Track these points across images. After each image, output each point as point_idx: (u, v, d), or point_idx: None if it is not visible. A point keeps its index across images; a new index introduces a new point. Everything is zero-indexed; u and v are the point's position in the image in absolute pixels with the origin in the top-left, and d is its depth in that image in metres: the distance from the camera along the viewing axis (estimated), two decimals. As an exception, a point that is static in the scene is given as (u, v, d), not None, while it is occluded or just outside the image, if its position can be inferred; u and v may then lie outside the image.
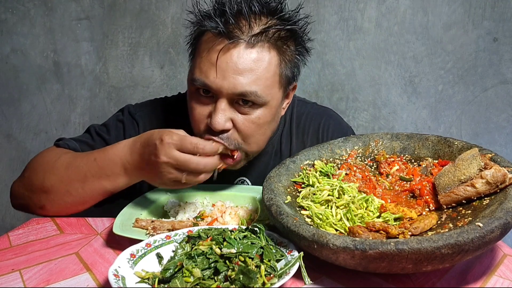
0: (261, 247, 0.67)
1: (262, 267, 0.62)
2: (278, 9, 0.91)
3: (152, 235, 0.77)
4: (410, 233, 0.67)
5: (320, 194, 0.81)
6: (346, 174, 0.88)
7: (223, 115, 0.88)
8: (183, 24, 1.06)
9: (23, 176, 0.99)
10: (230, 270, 0.62)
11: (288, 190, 0.84)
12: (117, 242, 0.82)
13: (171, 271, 0.63)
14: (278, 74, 0.91)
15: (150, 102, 1.17)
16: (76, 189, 0.91)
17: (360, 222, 0.73)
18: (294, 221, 0.68)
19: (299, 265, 0.65)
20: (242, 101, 0.89)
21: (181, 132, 0.83)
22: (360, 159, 0.94)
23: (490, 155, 0.77)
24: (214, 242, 0.67)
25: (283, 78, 0.93)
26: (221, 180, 1.04)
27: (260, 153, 1.05)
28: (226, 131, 0.90)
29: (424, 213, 0.75)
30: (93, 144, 1.05)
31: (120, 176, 0.89)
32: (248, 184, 1.09)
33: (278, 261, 0.67)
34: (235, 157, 0.93)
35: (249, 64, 0.87)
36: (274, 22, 0.90)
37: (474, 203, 0.72)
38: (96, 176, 0.89)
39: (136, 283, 0.63)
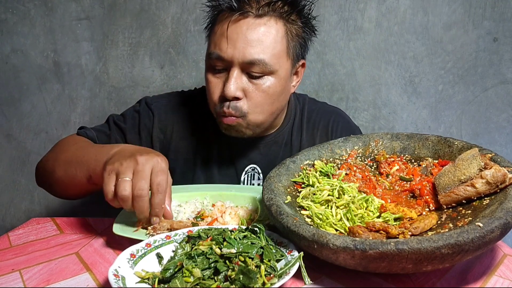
0: (261, 247, 0.67)
1: (262, 267, 0.62)
2: None
3: (152, 235, 0.77)
4: (410, 233, 0.67)
5: (320, 194, 0.81)
6: (346, 174, 0.88)
7: (235, 83, 0.95)
8: (200, 8, 1.12)
9: (46, 155, 1.06)
10: (230, 270, 0.62)
11: (288, 190, 0.84)
12: (117, 242, 0.82)
13: (171, 271, 0.63)
14: (285, 44, 0.98)
15: (167, 94, 1.24)
16: (71, 171, 0.93)
17: (360, 222, 0.73)
18: (294, 221, 0.68)
19: (299, 265, 0.65)
20: (252, 72, 0.95)
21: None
22: (360, 159, 0.94)
23: (490, 155, 0.77)
24: (214, 242, 0.67)
25: (290, 49, 1.00)
26: (233, 166, 1.12)
27: (271, 143, 1.13)
28: (238, 99, 0.97)
29: (424, 213, 0.75)
30: (109, 133, 1.12)
31: (89, 166, 0.90)
32: (258, 172, 1.13)
33: (278, 261, 0.67)
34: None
35: (257, 34, 0.94)
36: None
37: (474, 203, 0.72)
38: (88, 163, 0.91)
39: (136, 283, 0.63)
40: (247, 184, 1.14)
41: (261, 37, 0.94)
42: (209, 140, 1.14)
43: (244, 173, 1.14)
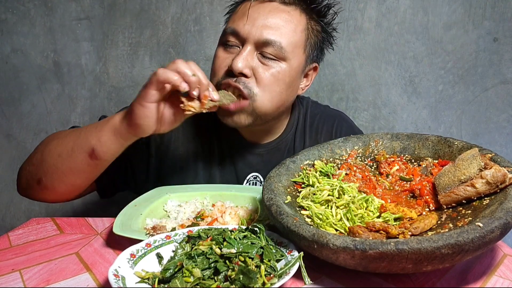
0: (261, 247, 0.67)
1: (262, 267, 0.62)
2: None
3: (152, 235, 0.77)
4: (410, 233, 0.67)
5: (320, 194, 0.81)
6: (346, 174, 0.88)
7: (244, 59, 0.91)
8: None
9: (29, 155, 0.99)
10: (230, 270, 0.62)
11: (288, 190, 0.84)
12: (117, 242, 0.82)
13: (171, 271, 0.63)
14: (304, 38, 0.97)
15: None
16: (67, 153, 0.88)
17: (360, 222, 0.73)
18: (294, 221, 0.68)
19: (299, 265, 0.65)
20: (266, 52, 0.93)
21: None
22: (360, 159, 0.94)
23: (490, 155, 0.77)
24: (214, 242, 0.67)
25: (307, 45, 0.99)
26: (235, 174, 1.08)
27: (274, 150, 1.09)
28: (245, 76, 0.92)
29: (424, 213, 0.75)
30: None
31: (106, 132, 0.85)
32: (261, 180, 1.09)
33: (278, 261, 0.67)
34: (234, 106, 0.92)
35: (279, 20, 0.93)
36: None
37: (474, 203, 0.72)
38: (84, 136, 0.88)
39: (136, 283, 0.63)
40: None
41: (283, 22, 0.93)
42: (210, 145, 1.10)
43: (246, 181, 1.10)
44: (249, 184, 1.09)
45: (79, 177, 0.91)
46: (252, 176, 1.09)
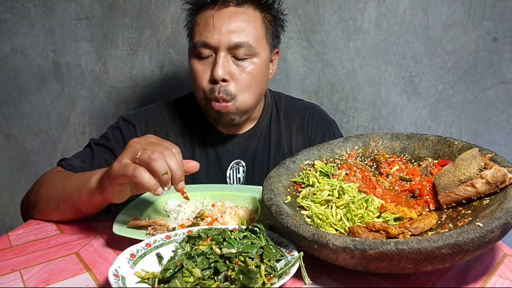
0: (261, 247, 0.67)
1: (262, 267, 0.62)
2: None
3: (152, 235, 0.77)
4: (410, 233, 0.67)
5: (320, 194, 0.81)
6: (346, 174, 0.88)
7: (223, 66, 1.02)
8: (181, 7, 1.17)
9: (29, 189, 1.03)
10: (230, 270, 0.62)
11: (288, 190, 0.84)
12: (117, 242, 0.82)
13: (171, 271, 0.63)
14: (263, 30, 1.08)
15: (142, 108, 1.25)
16: (54, 203, 0.91)
17: (360, 222, 0.73)
18: (294, 221, 0.68)
19: (299, 265, 0.65)
20: (238, 54, 1.03)
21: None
22: (360, 159, 0.95)
23: (490, 155, 0.77)
24: (214, 242, 0.67)
25: (268, 36, 1.09)
26: (218, 163, 1.16)
27: (251, 136, 1.19)
28: (226, 81, 1.03)
29: (424, 213, 0.75)
30: (93, 156, 1.09)
31: (84, 193, 0.86)
32: (243, 166, 1.18)
33: (278, 261, 0.67)
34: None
35: (240, 21, 1.03)
36: None
37: (474, 203, 0.72)
38: (67, 193, 0.89)
39: (136, 283, 0.63)
40: (232, 178, 1.18)
41: (244, 23, 1.03)
42: (193, 141, 1.18)
43: (229, 168, 1.18)
44: (233, 170, 1.18)
45: (68, 219, 0.95)
46: (234, 162, 1.18)
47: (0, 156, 1.73)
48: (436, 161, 0.86)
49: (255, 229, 0.71)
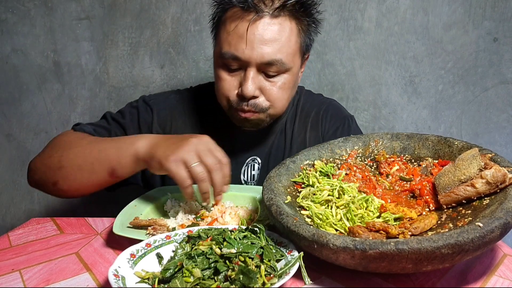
0: (261, 247, 0.67)
1: (262, 267, 0.62)
2: None
3: (153, 235, 0.77)
4: (410, 233, 0.67)
5: (320, 194, 0.81)
6: (346, 174, 0.88)
7: (253, 83, 0.97)
8: (207, 2, 1.12)
9: (43, 152, 1.02)
10: (230, 270, 0.62)
11: (288, 190, 0.84)
12: (117, 242, 0.82)
13: (171, 271, 0.63)
14: (298, 42, 1.01)
15: (163, 92, 1.25)
16: (88, 166, 0.93)
17: (360, 222, 0.73)
18: (294, 221, 0.68)
19: (299, 265, 0.65)
20: (268, 70, 0.97)
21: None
22: (360, 159, 0.94)
23: (490, 155, 0.76)
24: (214, 242, 0.67)
25: (302, 46, 1.03)
26: (235, 158, 1.13)
27: (270, 133, 1.17)
28: (255, 97, 0.99)
29: (424, 213, 0.75)
30: (109, 127, 1.10)
31: (126, 157, 0.90)
32: (259, 163, 1.16)
33: (278, 261, 0.66)
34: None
35: (274, 34, 0.95)
36: None
37: (474, 203, 0.72)
38: (105, 154, 0.92)
39: (136, 283, 0.63)
40: (246, 174, 1.16)
41: (277, 36, 0.95)
42: (210, 134, 1.13)
43: (245, 164, 1.16)
44: (248, 166, 1.16)
45: (97, 186, 0.96)
46: (250, 159, 1.16)
47: (1, 156, 1.73)
48: (436, 161, 0.86)
49: (255, 229, 0.71)
